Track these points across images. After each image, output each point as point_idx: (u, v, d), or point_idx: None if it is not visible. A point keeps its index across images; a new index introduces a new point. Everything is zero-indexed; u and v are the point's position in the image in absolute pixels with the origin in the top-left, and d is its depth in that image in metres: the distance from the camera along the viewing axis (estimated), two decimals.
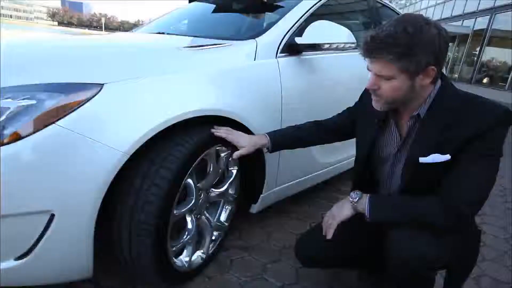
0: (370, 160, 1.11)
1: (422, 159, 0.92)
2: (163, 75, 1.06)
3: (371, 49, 0.86)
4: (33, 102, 0.84)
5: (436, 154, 0.90)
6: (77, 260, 0.95)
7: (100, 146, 0.89)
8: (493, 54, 13.55)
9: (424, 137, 0.93)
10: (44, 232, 0.87)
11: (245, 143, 1.17)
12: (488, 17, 13.12)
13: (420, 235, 0.88)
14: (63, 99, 0.86)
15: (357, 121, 1.20)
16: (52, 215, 0.86)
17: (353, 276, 1.40)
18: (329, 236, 1.03)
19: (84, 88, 0.90)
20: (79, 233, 0.91)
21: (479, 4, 14.00)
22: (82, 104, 0.88)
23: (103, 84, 0.92)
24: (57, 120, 0.84)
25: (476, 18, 14.20)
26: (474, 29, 14.41)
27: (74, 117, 0.86)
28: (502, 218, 2.13)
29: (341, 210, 1.03)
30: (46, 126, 0.83)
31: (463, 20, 14.85)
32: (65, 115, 0.85)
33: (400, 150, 1.02)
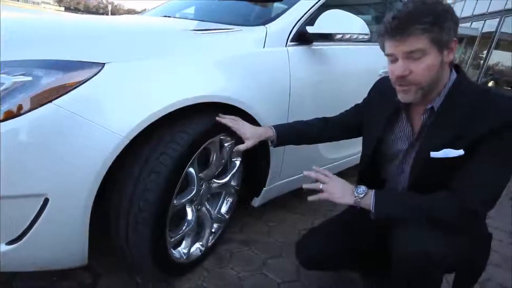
0: (377, 158, 1.06)
1: (433, 154, 0.87)
2: (168, 57, 1.01)
3: (400, 24, 0.81)
4: (29, 78, 0.79)
5: (449, 149, 0.85)
6: (72, 247, 0.92)
7: (99, 128, 0.84)
8: (500, 58, 13.41)
9: (438, 131, 0.88)
10: (38, 217, 0.83)
11: (250, 135, 1.12)
12: (498, 19, 12.95)
13: (426, 231, 0.84)
14: (61, 77, 0.81)
15: (364, 117, 1.15)
16: (46, 199, 0.82)
17: (355, 274, 1.36)
18: (306, 173, 1.01)
19: (84, 67, 0.85)
20: (74, 219, 0.87)
21: (489, 6, 13.82)
22: (81, 84, 0.83)
23: (104, 63, 0.87)
24: (54, 99, 0.79)
25: (485, 20, 14.02)
26: (483, 31, 14.25)
27: (72, 97, 0.81)
28: (509, 222, 2.08)
29: (342, 196, 0.95)
30: (42, 105, 0.78)
31: (471, 22, 14.67)
32: (62, 94, 0.80)
33: (412, 146, 0.97)
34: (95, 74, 0.85)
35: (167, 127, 0.99)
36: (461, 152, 0.84)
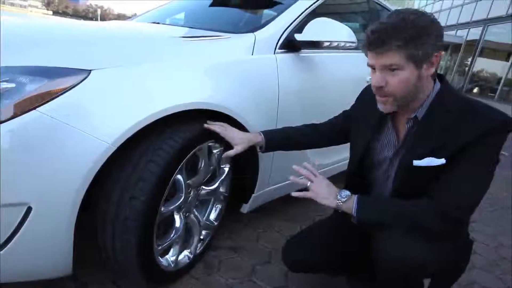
0: (364, 164, 1.08)
1: (416, 162, 0.90)
2: (156, 64, 1.01)
3: (378, 39, 0.83)
4: (12, 85, 0.78)
5: (431, 158, 0.87)
6: (56, 256, 0.90)
7: (85, 136, 0.83)
8: (484, 65, 13.80)
9: (421, 140, 0.91)
10: (20, 226, 0.81)
11: (239, 140, 1.12)
12: (481, 28, 13.34)
13: (409, 238, 0.85)
14: (46, 84, 0.80)
15: (352, 124, 1.16)
16: (29, 208, 0.80)
17: (342, 279, 1.36)
18: (296, 167, 1.04)
19: (70, 74, 0.84)
20: (58, 228, 0.85)
21: (473, 15, 14.24)
22: (67, 91, 0.82)
23: (90, 70, 0.87)
24: (39, 106, 0.78)
25: (470, 28, 14.44)
26: (467, 39, 14.66)
27: (58, 104, 0.80)
28: (491, 226, 2.13)
29: (326, 197, 0.96)
30: (25, 112, 0.77)
31: (456, 30, 15.07)
32: (47, 101, 0.79)
33: (397, 154, 0.99)
34: (81, 81, 0.84)
35: (155, 134, 0.98)
36: (442, 161, 0.86)
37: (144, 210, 0.94)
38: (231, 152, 1.12)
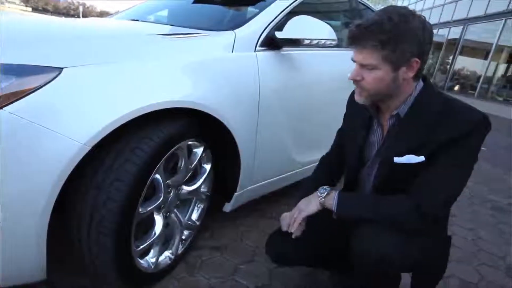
0: (359, 163, 1.08)
1: (396, 159, 0.91)
2: (132, 61, 0.98)
3: (356, 35, 0.85)
4: None
5: (411, 155, 0.89)
6: (28, 261, 0.86)
7: (57, 136, 0.80)
8: (464, 63, 14.17)
9: (402, 137, 0.92)
10: None
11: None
12: (461, 27, 13.68)
13: (384, 233, 0.87)
14: (15, 83, 0.77)
15: (346, 130, 1.16)
16: None
17: (325, 276, 1.37)
18: (292, 229, 1.02)
19: (40, 72, 0.81)
20: (29, 232, 0.82)
21: (453, 14, 14.58)
22: (37, 89, 0.79)
23: (62, 68, 0.84)
24: (6, 105, 0.75)
25: (450, 28, 14.79)
26: (448, 38, 15.01)
27: (27, 103, 0.77)
28: (470, 220, 2.19)
29: (308, 205, 1.02)
30: None
31: (438, 29, 15.41)
32: (15, 100, 0.76)
33: (380, 150, 1.00)
34: (53, 79, 0.82)
35: (131, 133, 0.96)
36: (422, 158, 0.88)
37: (120, 211, 0.92)
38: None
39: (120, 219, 0.93)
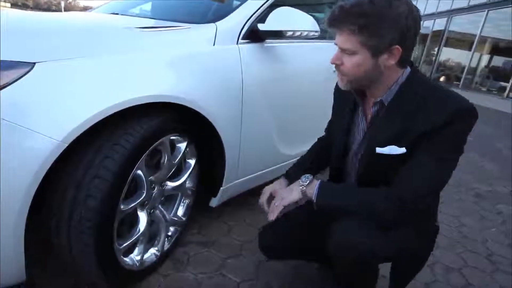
0: (344, 151, 1.06)
1: (378, 150, 0.89)
2: (109, 55, 0.96)
3: (336, 18, 0.82)
4: None
5: (393, 146, 0.87)
6: (5, 263, 0.84)
7: (31, 133, 0.78)
8: (449, 55, 14.38)
9: (385, 125, 0.89)
10: None
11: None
12: (446, 18, 13.87)
13: (361, 225, 0.86)
14: None
15: (333, 118, 1.16)
16: None
17: (313, 270, 1.38)
18: (272, 217, 1.01)
19: (10, 67, 0.78)
20: (5, 234, 0.80)
21: (438, 5, 14.75)
22: (7, 85, 0.76)
23: (34, 63, 0.81)
24: None
25: (435, 19, 14.96)
26: (433, 29, 15.19)
27: None
28: (454, 207, 2.24)
29: (290, 193, 1.00)
30: None
31: (423, 21, 15.57)
32: None
33: (364, 138, 0.98)
34: (24, 75, 0.79)
35: (110, 129, 0.94)
36: (403, 150, 0.86)
37: (101, 209, 0.90)
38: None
39: (101, 217, 0.91)
